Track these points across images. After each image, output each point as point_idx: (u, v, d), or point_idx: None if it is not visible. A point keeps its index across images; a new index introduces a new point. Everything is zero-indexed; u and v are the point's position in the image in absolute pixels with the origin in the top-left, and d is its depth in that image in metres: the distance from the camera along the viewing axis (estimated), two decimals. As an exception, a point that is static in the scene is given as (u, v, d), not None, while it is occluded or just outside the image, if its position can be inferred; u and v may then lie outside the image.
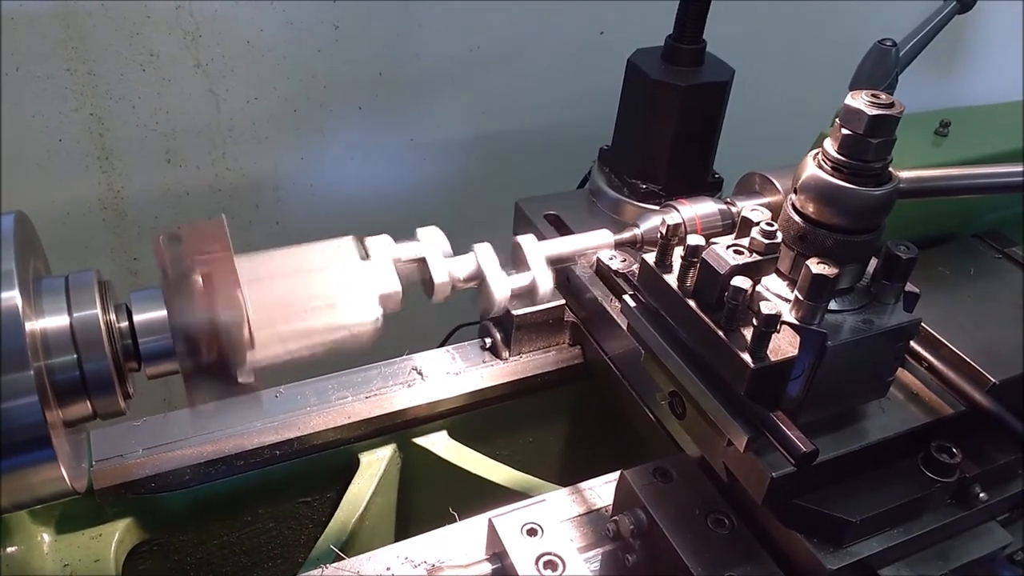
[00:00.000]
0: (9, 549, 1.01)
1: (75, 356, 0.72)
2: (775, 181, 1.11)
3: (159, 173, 1.63)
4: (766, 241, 0.79)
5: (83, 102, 1.49)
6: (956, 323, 1.01)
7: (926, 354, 0.96)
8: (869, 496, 0.85)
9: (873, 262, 0.85)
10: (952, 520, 0.89)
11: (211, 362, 0.75)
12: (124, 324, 0.76)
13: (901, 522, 0.86)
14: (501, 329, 1.30)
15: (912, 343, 0.94)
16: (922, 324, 0.85)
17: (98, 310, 0.74)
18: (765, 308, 0.73)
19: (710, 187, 1.39)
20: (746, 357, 0.75)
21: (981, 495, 0.89)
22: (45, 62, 1.43)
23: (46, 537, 1.08)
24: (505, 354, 1.29)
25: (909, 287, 0.84)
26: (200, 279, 0.74)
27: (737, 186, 1.18)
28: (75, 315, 0.73)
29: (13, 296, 0.68)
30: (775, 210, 0.87)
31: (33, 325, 0.70)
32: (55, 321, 0.72)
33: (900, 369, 0.92)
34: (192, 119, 1.60)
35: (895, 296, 0.84)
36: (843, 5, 2.10)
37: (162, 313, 0.76)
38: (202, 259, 0.76)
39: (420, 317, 1.02)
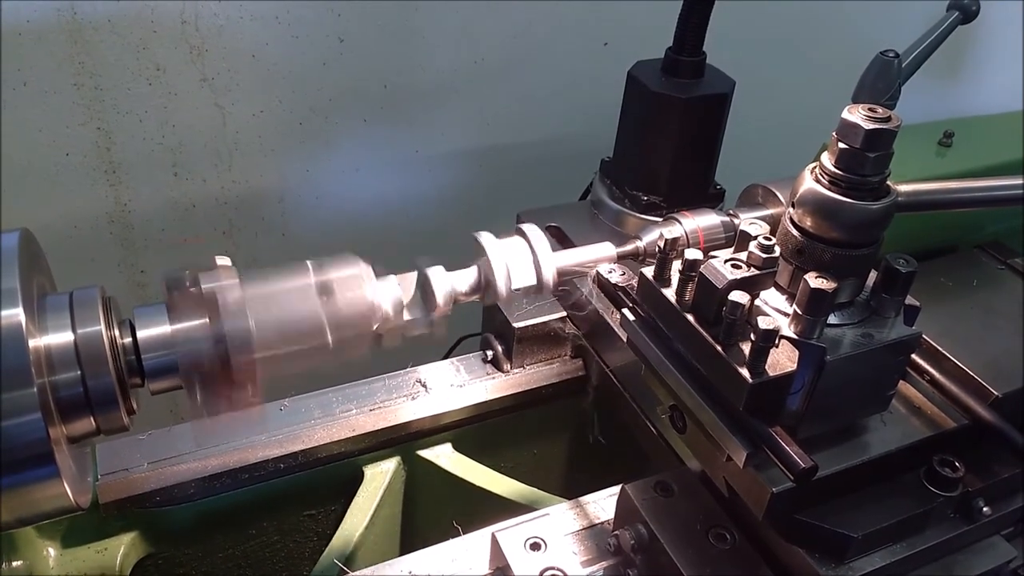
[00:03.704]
0: (15, 563, 1.02)
1: (79, 372, 0.73)
2: (778, 193, 1.11)
3: (166, 186, 1.65)
4: (764, 255, 0.79)
5: (90, 116, 1.51)
6: (958, 335, 1.01)
7: (928, 367, 0.96)
8: (871, 511, 0.84)
9: (873, 275, 0.85)
10: (955, 535, 0.88)
11: (214, 378, 0.75)
12: (128, 340, 0.76)
13: (904, 537, 0.86)
14: (502, 341, 1.30)
15: (914, 356, 0.94)
16: (924, 336, 0.85)
17: (102, 326, 0.74)
18: (763, 323, 0.73)
19: (712, 199, 1.39)
20: (744, 372, 0.75)
21: (985, 509, 0.89)
22: (52, 77, 1.44)
23: (51, 551, 1.09)
24: (507, 366, 1.29)
25: (909, 300, 0.84)
26: (204, 295, 0.75)
27: (740, 198, 1.18)
28: (79, 332, 0.74)
29: (17, 313, 0.68)
30: (778, 223, 0.87)
31: (37, 342, 0.70)
32: (59, 338, 0.73)
33: (902, 382, 0.92)
34: (198, 132, 1.61)
35: (895, 309, 0.83)
36: (845, 16, 2.10)
37: (166, 329, 0.76)
38: (206, 276, 0.76)
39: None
